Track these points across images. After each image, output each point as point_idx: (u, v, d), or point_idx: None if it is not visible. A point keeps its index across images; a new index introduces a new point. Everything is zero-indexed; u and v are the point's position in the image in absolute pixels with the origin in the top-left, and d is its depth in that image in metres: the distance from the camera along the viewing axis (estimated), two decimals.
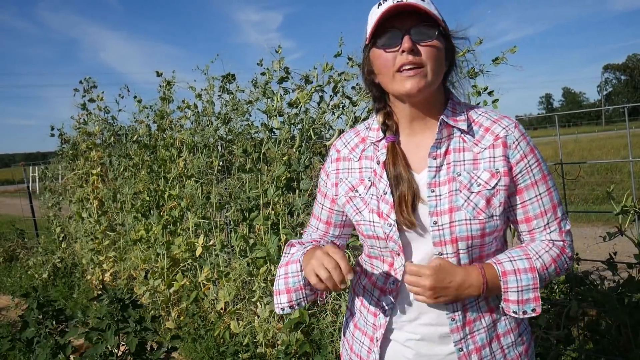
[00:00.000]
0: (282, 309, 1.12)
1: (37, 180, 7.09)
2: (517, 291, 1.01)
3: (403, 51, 0.99)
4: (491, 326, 1.07)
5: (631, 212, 1.97)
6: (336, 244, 1.29)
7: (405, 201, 1.05)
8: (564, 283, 2.55)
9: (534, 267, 1.02)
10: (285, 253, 1.21)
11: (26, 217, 7.65)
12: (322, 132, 2.82)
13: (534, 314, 1.01)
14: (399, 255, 1.08)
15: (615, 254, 2.18)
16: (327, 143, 2.68)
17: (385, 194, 1.08)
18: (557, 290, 2.60)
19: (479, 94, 2.16)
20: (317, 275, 0.98)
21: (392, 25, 1.00)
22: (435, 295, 1.00)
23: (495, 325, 1.08)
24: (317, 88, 2.70)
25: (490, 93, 2.17)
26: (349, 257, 2.02)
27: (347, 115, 2.57)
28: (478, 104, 2.17)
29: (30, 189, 7.37)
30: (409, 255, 1.08)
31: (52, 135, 5.65)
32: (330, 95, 2.72)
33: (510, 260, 1.03)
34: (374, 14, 1.03)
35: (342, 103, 2.64)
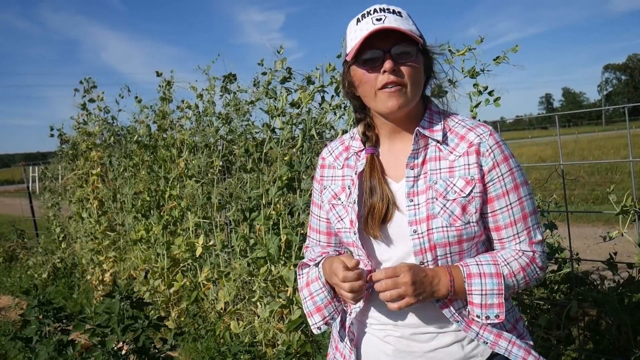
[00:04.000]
0: (319, 328, 1.15)
1: (37, 180, 7.08)
2: (481, 294, 1.01)
3: (385, 71, 1.01)
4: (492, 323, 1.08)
5: (631, 212, 1.97)
6: (341, 253, 1.30)
7: (374, 213, 1.08)
8: (564, 283, 2.55)
9: (500, 273, 1.03)
10: (300, 274, 1.24)
11: (26, 217, 7.65)
12: (324, 133, 2.82)
13: (497, 320, 1.01)
14: (368, 263, 1.11)
15: (615, 254, 2.19)
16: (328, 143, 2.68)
17: (354, 203, 1.11)
18: (557, 291, 2.60)
19: (480, 93, 2.14)
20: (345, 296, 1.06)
21: (373, 45, 1.02)
22: (416, 292, 0.98)
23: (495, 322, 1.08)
24: (319, 88, 2.70)
25: (490, 93, 2.15)
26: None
27: (348, 116, 2.57)
28: (479, 103, 2.15)
29: (30, 189, 7.37)
30: (380, 263, 1.12)
31: (52, 135, 5.65)
32: (332, 96, 2.72)
33: (477, 264, 1.04)
34: (355, 32, 1.05)
35: (344, 103, 2.64)
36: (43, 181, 6.73)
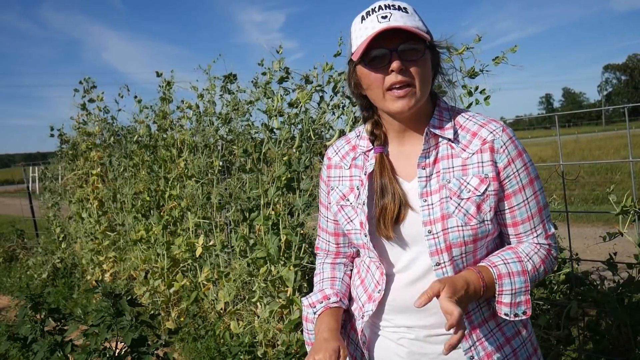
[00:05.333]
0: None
1: (37, 180, 7.08)
2: (511, 294, 1.01)
3: (392, 71, 0.99)
4: (497, 330, 1.07)
5: (631, 212, 1.97)
6: (349, 254, 1.30)
7: (386, 213, 1.06)
8: (564, 283, 2.55)
9: (526, 270, 1.02)
10: (303, 304, 1.23)
11: (26, 217, 7.65)
12: (322, 132, 2.82)
13: (524, 317, 1.01)
14: (381, 264, 1.10)
15: (615, 254, 2.18)
16: (327, 143, 2.68)
17: (364, 204, 1.10)
18: (557, 291, 2.60)
19: (470, 94, 2.13)
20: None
21: (379, 44, 0.99)
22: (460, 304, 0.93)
23: (501, 329, 1.08)
24: (317, 88, 2.70)
25: (481, 92, 2.13)
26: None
27: (347, 116, 2.57)
28: (470, 104, 2.15)
29: (30, 189, 7.37)
30: (392, 264, 1.11)
31: (52, 135, 5.65)
32: (331, 95, 2.71)
33: (505, 263, 1.02)
34: (360, 30, 1.02)
35: (342, 103, 2.64)
36: (43, 181, 6.73)
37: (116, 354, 2.24)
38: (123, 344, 2.23)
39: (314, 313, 1.16)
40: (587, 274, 2.39)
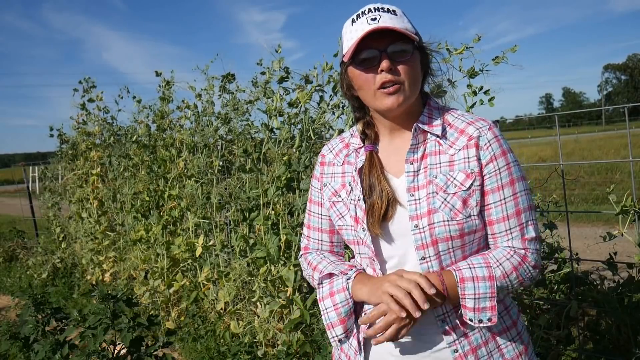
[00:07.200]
0: (340, 340, 1.12)
1: (37, 180, 7.09)
2: (474, 299, 1.01)
3: (382, 70, 1.02)
4: (485, 326, 1.07)
5: (631, 212, 1.97)
6: (341, 254, 1.30)
7: (374, 210, 1.08)
8: (564, 283, 2.55)
9: (493, 275, 1.02)
10: (321, 284, 1.18)
11: (26, 217, 7.65)
12: (322, 132, 2.82)
13: (489, 323, 1.01)
14: (374, 260, 1.10)
15: (615, 254, 2.19)
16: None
17: (359, 199, 1.11)
18: (557, 291, 2.60)
19: (474, 93, 2.13)
20: (396, 301, 0.99)
21: (369, 45, 1.03)
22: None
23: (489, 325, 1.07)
24: (317, 88, 2.70)
25: (486, 92, 2.14)
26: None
27: (347, 115, 2.57)
28: (474, 104, 2.15)
29: (30, 189, 7.37)
30: (384, 260, 1.11)
31: (52, 135, 5.66)
32: (330, 95, 2.71)
33: (470, 268, 1.02)
34: (350, 32, 1.05)
35: (342, 103, 2.64)
36: (43, 181, 6.74)
37: (115, 355, 2.24)
38: (121, 345, 2.23)
39: (348, 279, 1.12)
40: (587, 274, 2.39)
